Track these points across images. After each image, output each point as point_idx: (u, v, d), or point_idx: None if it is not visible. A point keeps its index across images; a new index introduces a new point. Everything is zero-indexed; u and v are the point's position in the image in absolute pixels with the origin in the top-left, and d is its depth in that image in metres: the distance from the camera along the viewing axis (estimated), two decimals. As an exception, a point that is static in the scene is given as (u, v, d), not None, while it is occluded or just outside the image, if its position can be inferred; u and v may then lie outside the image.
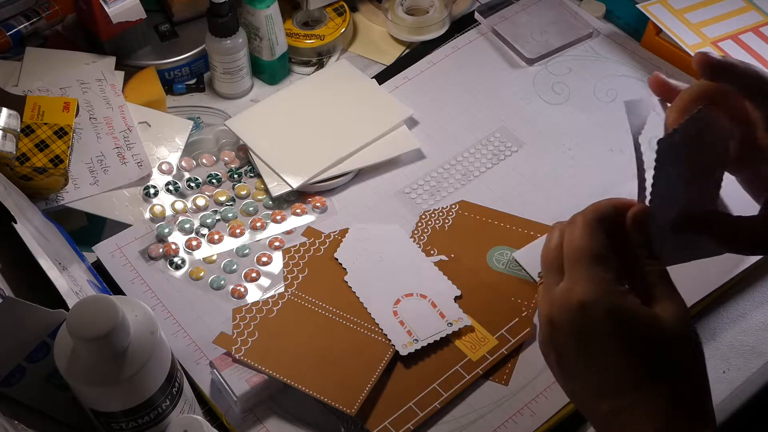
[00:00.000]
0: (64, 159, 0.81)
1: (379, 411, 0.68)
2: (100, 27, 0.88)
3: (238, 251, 0.79)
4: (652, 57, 0.93)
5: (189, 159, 0.86)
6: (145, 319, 0.59)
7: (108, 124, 0.85)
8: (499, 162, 0.86)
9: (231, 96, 0.92)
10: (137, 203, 0.82)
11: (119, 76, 0.89)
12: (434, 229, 0.80)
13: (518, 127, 0.88)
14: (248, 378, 0.69)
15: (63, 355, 0.57)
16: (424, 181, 0.84)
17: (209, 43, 0.88)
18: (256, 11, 0.87)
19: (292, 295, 0.75)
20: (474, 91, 0.92)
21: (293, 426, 0.69)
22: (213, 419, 0.70)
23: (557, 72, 0.93)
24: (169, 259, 0.79)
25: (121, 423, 0.60)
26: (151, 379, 0.59)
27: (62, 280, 0.64)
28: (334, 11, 0.97)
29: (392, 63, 0.96)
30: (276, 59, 0.92)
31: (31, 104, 0.83)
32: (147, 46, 0.93)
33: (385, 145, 0.86)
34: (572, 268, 0.58)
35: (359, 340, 0.71)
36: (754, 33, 0.90)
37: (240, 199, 0.83)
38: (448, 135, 0.88)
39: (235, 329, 0.72)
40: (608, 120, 0.88)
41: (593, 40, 0.96)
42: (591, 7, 0.98)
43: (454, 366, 0.71)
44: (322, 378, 0.69)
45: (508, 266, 0.77)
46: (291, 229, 0.81)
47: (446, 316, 0.73)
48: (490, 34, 0.97)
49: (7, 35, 0.92)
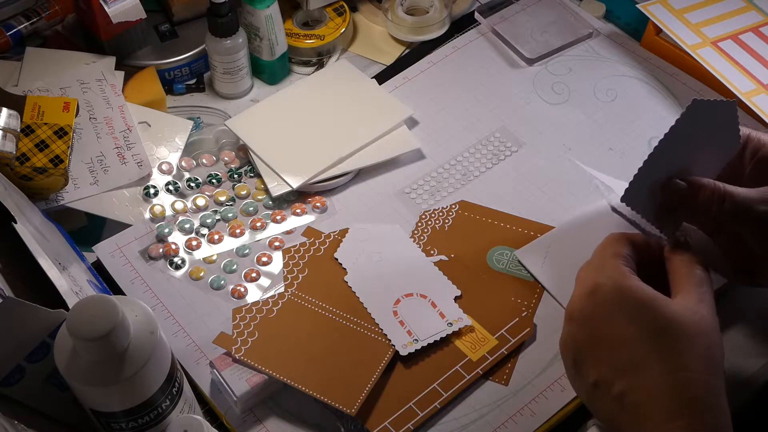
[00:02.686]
0: (64, 159, 0.81)
1: (379, 411, 0.68)
2: (100, 27, 0.88)
3: (238, 251, 0.79)
4: (652, 57, 0.93)
5: (189, 159, 0.86)
6: (145, 319, 0.59)
7: (108, 124, 0.85)
8: (499, 162, 0.86)
9: (231, 96, 0.92)
10: (137, 203, 0.82)
11: (119, 76, 0.89)
12: (434, 229, 0.80)
13: (518, 127, 0.88)
14: (248, 378, 0.69)
15: (63, 355, 0.57)
16: (424, 181, 0.84)
17: (209, 43, 0.88)
18: (256, 11, 0.87)
19: (292, 295, 0.75)
20: (474, 91, 0.92)
21: (293, 426, 0.69)
22: (213, 419, 0.70)
23: (557, 72, 0.93)
24: (169, 259, 0.79)
25: (121, 423, 0.60)
26: (151, 379, 0.59)
27: (62, 280, 0.64)
28: (334, 11, 0.97)
29: (392, 63, 0.96)
30: (276, 59, 0.92)
31: (31, 104, 0.83)
32: (147, 46, 0.93)
33: (385, 145, 0.86)
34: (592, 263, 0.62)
35: (359, 340, 0.71)
36: (754, 33, 0.90)
37: (240, 199, 0.83)
38: (448, 135, 0.88)
39: (235, 329, 0.72)
40: (608, 120, 0.88)
41: (593, 40, 0.96)
42: (591, 7, 0.98)
43: (454, 366, 0.71)
44: (322, 378, 0.69)
45: (508, 266, 0.77)
46: (291, 229, 0.81)
47: (446, 316, 0.73)
48: (490, 34, 0.97)
49: (7, 35, 0.92)
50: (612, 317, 0.58)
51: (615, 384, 0.57)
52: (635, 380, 0.56)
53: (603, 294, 0.59)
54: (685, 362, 0.56)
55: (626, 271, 0.59)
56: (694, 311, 0.57)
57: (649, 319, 0.57)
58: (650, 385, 0.55)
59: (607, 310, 0.58)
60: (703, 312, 0.57)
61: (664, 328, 0.56)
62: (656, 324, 0.56)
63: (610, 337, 0.58)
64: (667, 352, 0.56)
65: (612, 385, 0.57)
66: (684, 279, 0.59)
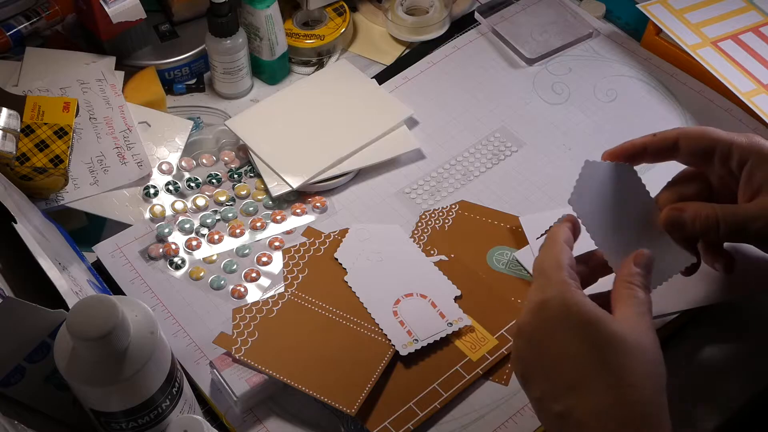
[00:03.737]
0: (64, 159, 0.81)
1: (379, 411, 0.68)
2: (100, 27, 0.88)
3: (238, 251, 0.79)
4: (652, 57, 0.93)
5: (189, 159, 0.86)
6: (145, 319, 0.59)
7: (108, 124, 0.85)
8: (499, 162, 0.86)
9: (231, 96, 0.92)
10: (137, 203, 0.82)
11: (119, 76, 0.89)
12: (434, 229, 0.80)
13: (518, 127, 0.88)
14: (248, 378, 0.69)
15: (63, 355, 0.57)
16: (424, 181, 0.84)
17: (209, 43, 0.88)
18: (256, 11, 0.87)
19: (292, 295, 0.75)
20: (474, 91, 0.92)
21: (293, 426, 0.69)
22: (213, 419, 0.70)
23: (557, 72, 0.93)
24: (169, 259, 0.79)
25: (121, 423, 0.60)
26: (151, 379, 0.59)
27: (62, 280, 0.64)
28: (334, 11, 0.97)
29: (392, 63, 0.96)
30: (276, 59, 0.92)
31: (31, 104, 0.83)
32: (147, 46, 0.93)
33: (385, 145, 0.86)
34: (538, 277, 0.60)
35: (359, 340, 0.71)
36: (754, 33, 0.90)
37: (240, 199, 0.83)
38: (448, 135, 0.88)
39: (235, 329, 0.72)
40: (608, 120, 0.88)
41: (593, 40, 0.96)
42: (591, 7, 0.98)
43: (454, 366, 0.71)
44: (322, 378, 0.69)
45: (508, 266, 0.77)
46: (291, 229, 0.81)
47: (446, 316, 0.73)
48: (490, 34, 0.97)
49: (7, 35, 0.92)
50: (555, 334, 0.57)
51: (559, 401, 0.56)
52: (579, 398, 0.55)
53: (548, 310, 0.58)
54: (631, 379, 0.55)
55: (571, 285, 0.59)
56: (635, 329, 0.57)
57: (593, 336, 0.56)
58: (595, 402, 0.55)
59: (551, 327, 0.57)
60: (644, 329, 0.57)
61: (608, 346, 0.55)
62: (600, 341, 0.56)
63: (554, 354, 0.57)
64: (612, 369, 0.55)
65: (556, 401, 0.57)
66: (625, 298, 0.59)
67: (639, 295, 0.59)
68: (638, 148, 0.67)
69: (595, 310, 0.57)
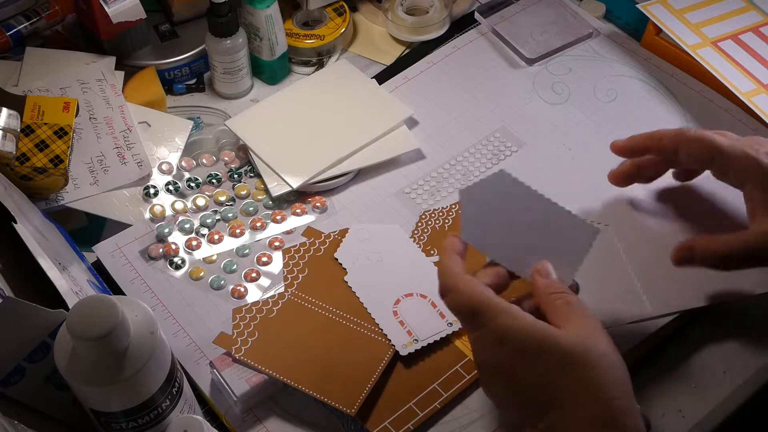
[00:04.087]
0: (64, 159, 0.81)
1: (379, 411, 0.68)
2: (100, 27, 0.88)
3: (238, 251, 0.79)
4: (652, 57, 0.93)
5: (189, 159, 0.86)
6: (145, 319, 0.59)
7: (108, 124, 0.85)
8: (499, 162, 0.86)
9: (231, 96, 0.92)
10: (137, 203, 0.82)
11: (119, 76, 0.89)
12: (434, 229, 0.80)
13: (518, 127, 0.88)
14: (248, 378, 0.69)
15: (63, 355, 0.57)
16: (424, 181, 0.84)
17: (209, 43, 0.88)
18: (256, 11, 0.87)
19: (292, 295, 0.75)
20: (474, 91, 0.92)
21: (293, 426, 0.69)
22: (213, 419, 0.70)
23: (557, 72, 0.93)
24: (169, 259, 0.79)
25: (121, 423, 0.60)
26: (151, 379, 0.59)
27: (62, 280, 0.64)
28: (334, 11, 0.97)
29: (392, 63, 0.96)
30: (276, 59, 0.92)
31: (31, 104, 0.83)
32: (147, 46, 0.93)
33: (385, 145, 0.86)
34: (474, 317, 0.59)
35: (359, 340, 0.71)
36: (754, 33, 0.90)
37: (240, 199, 0.83)
38: (448, 135, 0.88)
39: (235, 329, 0.72)
40: (608, 120, 0.88)
41: (593, 40, 0.96)
42: (591, 7, 0.98)
43: (454, 366, 0.71)
44: (322, 378, 0.69)
45: (508, 266, 0.77)
46: (291, 229, 0.81)
47: (446, 316, 0.73)
48: (490, 34, 0.97)
49: (7, 35, 0.92)
50: (516, 363, 0.57)
51: (536, 426, 0.56)
52: (556, 419, 0.56)
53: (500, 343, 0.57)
54: (603, 390, 0.55)
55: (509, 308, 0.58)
56: (587, 337, 0.56)
57: (554, 355, 0.56)
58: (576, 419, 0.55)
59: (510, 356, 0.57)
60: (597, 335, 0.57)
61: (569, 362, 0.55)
62: (561, 359, 0.55)
63: (522, 383, 0.57)
64: (582, 384, 0.55)
65: (534, 427, 0.57)
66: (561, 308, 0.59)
67: (570, 300, 0.59)
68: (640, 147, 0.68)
69: (545, 328, 0.57)
